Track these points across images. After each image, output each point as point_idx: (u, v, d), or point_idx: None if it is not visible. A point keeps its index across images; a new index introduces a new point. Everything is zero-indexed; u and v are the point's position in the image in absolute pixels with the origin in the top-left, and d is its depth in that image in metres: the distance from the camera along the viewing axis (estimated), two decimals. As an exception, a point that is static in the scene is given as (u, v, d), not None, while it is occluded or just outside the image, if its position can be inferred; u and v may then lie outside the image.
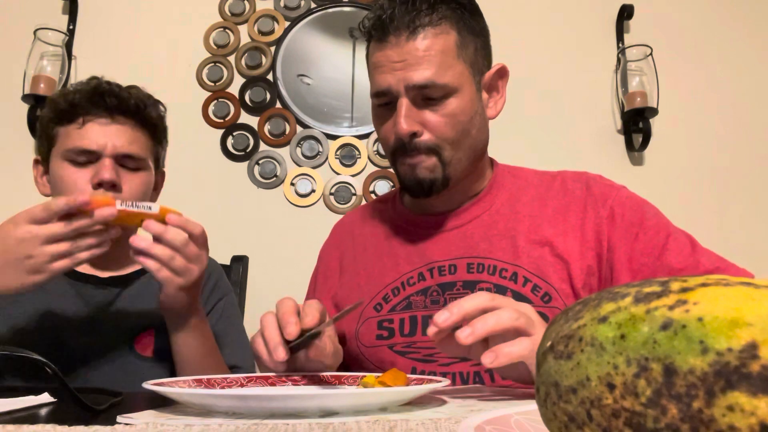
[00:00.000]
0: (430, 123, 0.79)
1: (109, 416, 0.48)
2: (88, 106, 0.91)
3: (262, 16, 1.88)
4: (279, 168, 1.80)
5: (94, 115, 0.91)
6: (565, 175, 0.89)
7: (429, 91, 0.78)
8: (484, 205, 0.89)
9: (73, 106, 0.91)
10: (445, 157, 0.81)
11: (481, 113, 0.85)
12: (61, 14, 1.87)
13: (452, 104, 0.79)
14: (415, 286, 0.85)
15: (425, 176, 0.81)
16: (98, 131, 0.91)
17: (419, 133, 0.80)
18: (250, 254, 1.48)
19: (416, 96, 0.79)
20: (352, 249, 0.96)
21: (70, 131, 0.91)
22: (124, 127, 0.93)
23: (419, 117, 0.79)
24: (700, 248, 0.80)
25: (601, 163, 1.83)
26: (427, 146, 0.80)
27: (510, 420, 0.34)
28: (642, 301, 0.23)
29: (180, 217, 0.79)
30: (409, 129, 0.78)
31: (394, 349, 0.83)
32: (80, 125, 0.91)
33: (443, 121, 0.79)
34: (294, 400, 0.49)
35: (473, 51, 0.83)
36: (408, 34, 0.78)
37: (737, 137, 1.88)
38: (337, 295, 0.94)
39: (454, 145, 0.81)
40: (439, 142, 0.80)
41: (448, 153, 0.81)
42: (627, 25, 1.93)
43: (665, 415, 0.20)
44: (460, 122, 0.80)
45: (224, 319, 1.02)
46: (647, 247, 0.79)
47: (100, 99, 0.92)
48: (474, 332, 0.57)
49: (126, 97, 0.93)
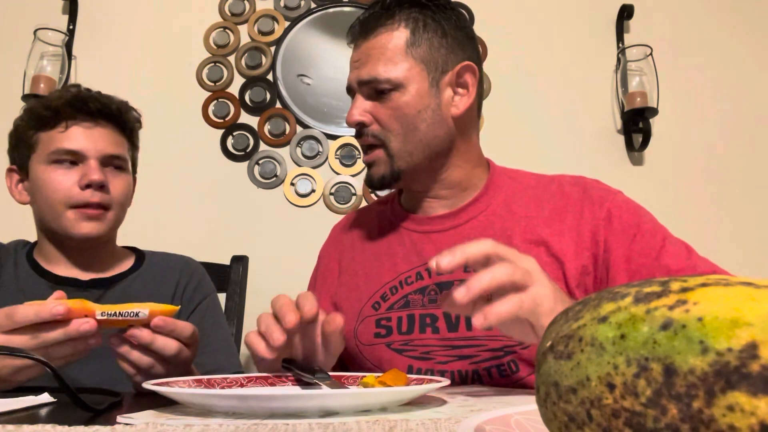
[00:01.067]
0: (377, 115, 0.86)
1: (109, 416, 0.48)
2: (71, 111, 0.93)
3: (262, 16, 1.88)
4: (279, 168, 1.80)
5: (78, 120, 0.94)
6: (563, 179, 0.90)
7: (375, 86, 0.84)
8: (480, 206, 0.90)
9: (56, 112, 0.93)
10: (392, 149, 0.86)
11: (435, 109, 0.85)
12: (61, 14, 1.87)
13: (397, 98, 0.84)
14: (412, 285, 0.86)
15: (374, 173, 0.87)
16: (82, 134, 0.93)
17: (367, 123, 0.86)
18: (250, 254, 1.48)
19: (368, 91, 0.86)
20: (350, 249, 0.97)
21: (53, 135, 0.93)
22: (107, 130, 0.96)
23: (370, 109, 0.86)
24: (696, 254, 0.81)
25: (601, 163, 1.83)
26: (374, 134, 0.86)
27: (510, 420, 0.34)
28: (642, 301, 0.23)
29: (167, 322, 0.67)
30: (355, 119, 0.86)
31: (392, 347, 0.84)
32: (64, 129, 0.93)
33: (388, 113, 0.85)
34: (294, 400, 0.49)
35: (427, 49, 0.86)
36: (364, 35, 0.87)
37: (737, 137, 1.88)
38: (336, 295, 0.94)
39: (400, 137, 0.85)
40: (385, 134, 0.85)
41: (395, 145, 0.85)
42: (627, 25, 1.93)
43: (665, 415, 0.20)
44: (406, 115, 0.84)
45: (207, 319, 1.02)
46: (645, 248, 0.79)
47: (83, 104, 0.94)
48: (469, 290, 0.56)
49: (107, 102, 0.97)
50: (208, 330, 0.98)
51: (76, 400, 0.50)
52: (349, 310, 0.90)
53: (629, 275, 0.79)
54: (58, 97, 0.94)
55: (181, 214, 1.74)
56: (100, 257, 1.00)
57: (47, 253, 0.99)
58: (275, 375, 0.68)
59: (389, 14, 0.86)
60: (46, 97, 0.97)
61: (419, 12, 0.86)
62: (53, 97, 0.95)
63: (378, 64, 0.84)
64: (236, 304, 1.34)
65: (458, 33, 0.88)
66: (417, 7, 0.86)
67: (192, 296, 1.03)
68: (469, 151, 0.91)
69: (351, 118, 0.86)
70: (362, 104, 0.86)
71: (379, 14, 0.86)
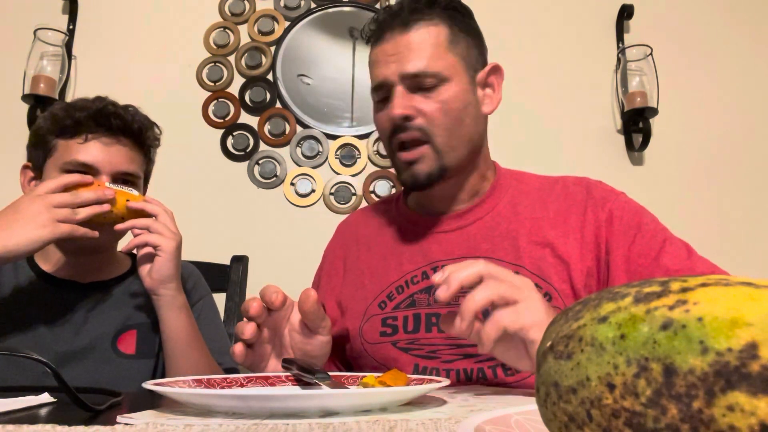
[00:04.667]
0: (423, 109, 0.83)
1: (109, 416, 0.48)
2: (93, 126, 0.95)
3: (262, 16, 1.88)
4: (279, 168, 1.80)
5: (98, 134, 0.95)
6: (567, 180, 0.91)
7: (421, 80, 0.82)
8: (486, 207, 0.90)
9: (77, 122, 0.94)
10: (437, 144, 0.84)
11: (475, 106, 0.87)
12: (61, 14, 1.87)
13: (444, 92, 0.83)
14: (418, 285, 0.87)
15: (419, 170, 0.84)
16: (100, 149, 0.95)
17: (412, 116, 0.83)
18: (250, 254, 1.47)
19: (410, 85, 0.83)
20: (356, 249, 0.98)
21: (71, 145, 0.94)
22: (125, 148, 0.97)
23: (413, 103, 0.83)
24: (696, 255, 0.81)
25: (601, 163, 1.83)
26: (420, 128, 0.83)
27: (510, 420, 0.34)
28: (642, 301, 0.23)
29: (148, 198, 0.95)
30: (402, 112, 0.82)
31: (398, 346, 0.84)
32: (83, 141, 0.94)
33: (436, 107, 0.83)
34: (294, 400, 0.49)
35: (465, 47, 0.87)
36: (401, 29, 0.84)
37: (737, 137, 1.88)
38: (341, 294, 0.95)
39: (447, 132, 0.83)
40: (432, 128, 0.83)
41: (441, 140, 0.84)
42: (627, 25, 1.93)
43: (665, 415, 0.20)
44: (453, 109, 0.83)
45: (203, 319, 1.04)
46: (644, 249, 0.79)
47: (106, 120, 0.95)
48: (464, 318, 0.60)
49: (129, 120, 0.98)
50: (204, 331, 0.99)
51: (76, 400, 0.50)
52: (354, 309, 0.90)
53: (628, 276, 0.79)
54: (83, 107, 0.96)
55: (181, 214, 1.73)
56: (102, 262, 1.03)
57: (50, 256, 1.01)
58: (275, 375, 0.68)
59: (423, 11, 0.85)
60: (71, 104, 0.98)
61: (453, 11, 0.88)
62: (78, 106, 0.96)
63: (424, 57, 0.82)
64: (236, 304, 1.34)
65: (481, 35, 0.92)
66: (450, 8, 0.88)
67: (188, 297, 1.04)
68: (486, 152, 0.93)
69: (396, 111, 0.82)
70: (406, 97, 0.83)
71: (416, 8, 0.85)
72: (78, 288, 0.99)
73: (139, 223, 0.92)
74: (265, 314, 0.70)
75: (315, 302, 0.70)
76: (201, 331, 0.98)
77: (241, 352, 0.69)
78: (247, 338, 0.69)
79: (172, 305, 0.93)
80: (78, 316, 0.97)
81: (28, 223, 0.81)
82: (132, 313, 1.00)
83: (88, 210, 0.87)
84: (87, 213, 0.86)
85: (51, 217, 0.82)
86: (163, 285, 0.91)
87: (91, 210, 0.87)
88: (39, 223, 0.82)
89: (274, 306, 0.69)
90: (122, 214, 0.92)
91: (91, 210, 0.87)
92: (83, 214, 0.86)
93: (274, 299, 0.69)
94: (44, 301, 0.96)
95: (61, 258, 1.00)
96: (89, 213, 0.87)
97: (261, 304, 0.69)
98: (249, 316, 0.69)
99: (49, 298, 0.97)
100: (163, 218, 0.92)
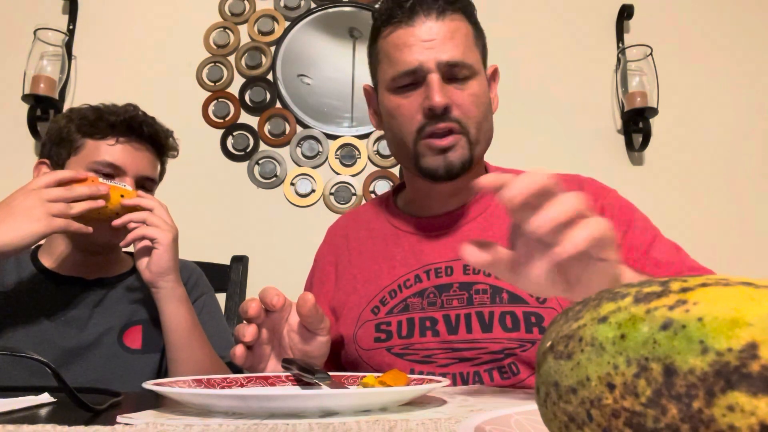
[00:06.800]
0: (457, 100, 0.81)
1: (109, 416, 0.48)
2: (125, 130, 0.99)
3: (262, 16, 1.88)
4: (279, 168, 1.80)
5: (128, 138, 0.99)
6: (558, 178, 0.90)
7: (457, 70, 0.81)
8: (479, 207, 0.89)
9: (111, 126, 0.98)
10: (471, 136, 0.83)
11: (491, 103, 0.89)
12: (61, 14, 1.87)
13: (475, 85, 0.83)
14: (411, 289, 0.85)
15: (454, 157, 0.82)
16: (129, 153, 0.99)
17: (450, 107, 0.81)
18: (250, 254, 1.48)
19: (445, 74, 0.81)
20: (347, 253, 0.96)
21: (100, 145, 0.98)
22: (150, 154, 1.03)
23: (449, 93, 0.81)
24: (684, 253, 0.81)
25: (601, 163, 1.83)
26: (458, 119, 0.81)
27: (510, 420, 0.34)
28: (642, 301, 0.23)
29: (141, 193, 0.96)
30: (444, 101, 0.79)
31: (392, 352, 0.83)
32: (114, 143, 0.98)
33: (471, 99, 0.82)
34: (294, 400, 0.49)
35: (483, 45, 0.89)
36: (437, 14, 0.82)
37: (737, 137, 1.88)
38: (334, 299, 0.93)
39: (477, 125, 0.83)
40: (466, 120, 0.82)
41: (473, 133, 0.83)
42: (627, 25, 1.93)
43: (665, 415, 0.20)
44: (483, 103, 0.84)
45: (205, 314, 1.05)
46: (635, 242, 0.80)
47: (138, 127, 1.00)
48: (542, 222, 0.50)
49: (158, 129, 1.04)
50: (206, 326, 1.00)
51: (76, 400, 0.50)
52: (348, 315, 0.89)
53: None
54: (115, 112, 1.00)
55: (181, 214, 1.73)
56: (107, 260, 1.04)
57: (56, 255, 1.01)
58: (275, 375, 0.68)
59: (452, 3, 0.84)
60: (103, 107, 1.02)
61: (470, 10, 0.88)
62: (111, 110, 1.00)
63: (461, 47, 0.81)
64: (236, 304, 1.34)
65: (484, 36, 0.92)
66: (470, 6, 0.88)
67: (190, 293, 1.05)
68: None
69: (439, 100, 0.79)
70: (444, 87, 0.81)
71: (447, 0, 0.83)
72: (82, 284, 1.00)
73: (135, 216, 0.93)
74: (264, 315, 0.70)
75: (313, 306, 0.70)
76: (203, 326, 0.99)
77: (241, 354, 0.70)
78: (247, 341, 0.69)
79: (172, 297, 0.94)
80: (83, 313, 0.97)
81: (22, 217, 0.82)
82: (137, 308, 1.01)
83: (82, 205, 0.87)
84: (81, 208, 0.87)
85: (45, 211, 0.83)
86: (161, 277, 0.93)
87: (86, 205, 0.88)
88: (33, 218, 0.82)
89: (275, 309, 0.69)
90: (117, 210, 0.93)
91: (85, 205, 0.88)
92: (78, 208, 0.87)
93: (275, 302, 0.69)
94: (49, 298, 0.97)
95: (65, 255, 1.01)
96: (84, 208, 0.87)
97: (260, 305, 0.69)
98: (248, 317, 0.69)
99: (54, 294, 0.97)
100: (158, 211, 0.94)
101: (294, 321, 0.74)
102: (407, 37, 0.82)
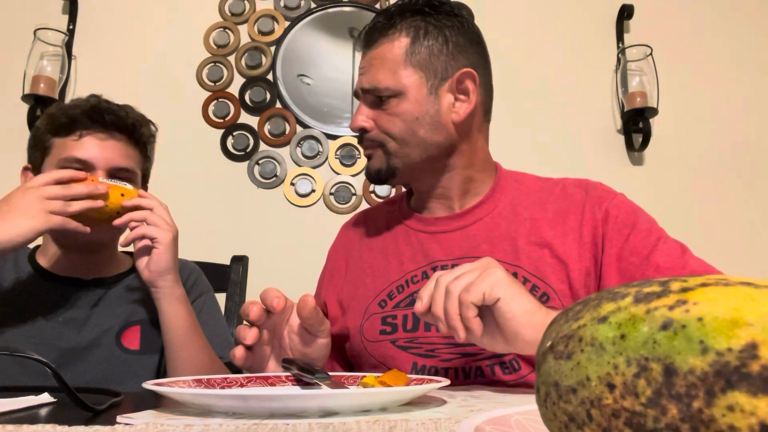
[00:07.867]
0: (378, 121, 0.88)
1: (109, 416, 0.48)
2: (87, 122, 0.96)
3: (262, 16, 1.88)
4: (279, 168, 1.80)
5: (92, 130, 0.96)
6: (566, 182, 0.92)
7: (376, 93, 0.87)
8: (487, 207, 0.91)
9: (72, 120, 0.96)
10: (389, 148, 0.88)
11: (434, 115, 0.87)
12: (61, 14, 1.87)
13: (396, 105, 0.87)
14: (418, 284, 0.87)
15: (371, 165, 0.91)
16: (95, 145, 0.96)
17: (368, 129, 0.89)
18: (250, 254, 1.47)
19: (371, 98, 0.89)
20: (358, 249, 0.99)
21: (66, 142, 0.96)
22: (120, 143, 0.98)
23: (372, 115, 0.89)
24: (690, 254, 0.81)
25: (601, 163, 1.83)
26: (372, 139, 0.89)
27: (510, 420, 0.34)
28: (642, 301, 0.23)
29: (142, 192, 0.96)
30: (357, 125, 0.89)
31: (397, 344, 0.85)
32: (77, 138, 0.95)
33: (388, 119, 0.87)
34: (294, 400, 0.49)
35: (426, 56, 0.87)
36: (368, 45, 0.90)
37: (737, 137, 1.88)
38: (342, 292, 0.95)
39: (398, 140, 0.88)
40: (384, 138, 0.88)
41: (392, 146, 0.88)
42: (627, 25, 1.93)
43: (665, 415, 0.20)
44: (405, 122, 0.87)
45: (204, 314, 1.05)
46: (637, 247, 0.80)
47: (99, 116, 0.97)
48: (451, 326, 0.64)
49: (123, 116, 0.99)
50: (206, 326, 1.00)
51: (76, 400, 0.50)
52: (355, 308, 0.91)
53: (620, 274, 0.80)
54: (77, 106, 0.98)
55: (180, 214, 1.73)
56: (103, 260, 1.04)
57: (52, 255, 1.01)
58: (275, 375, 0.68)
59: (391, 24, 0.88)
60: (66, 104, 1.00)
61: (421, 20, 0.88)
62: (72, 105, 0.98)
63: (378, 73, 0.87)
64: (236, 304, 1.34)
65: (461, 39, 0.88)
66: (420, 15, 0.88)
67: (189, 293, 1.05)
68: (474, 155, 0.91)
69: (354, 123, 0.90)
70: (365, 111, 0.89)
71: (381, 25, 0.89)
72: (80, 285, 0.99)
73: (135, 215, 0.92)
74: (265, 317, 0.71)
75: (313, 309, 0.71)
76: (203, 326, 0.99)
77: (242, 355, 0.70)
78: (249, 344, 0.70)
79: (171, 297, 0.94)
80: (81, 313, 0.97)
81: (20, 214, 0.82)
82: (135, 309, 1.01)
83: (80, 203, 0.87)
84: (80, 206, 0.87)
85: (43, 208, 0.83)
86: (161, 277, 0.93)
87: (84, 204, 0.87)
88: (31, 214, 0.82)
89: (276, 311, 0.70)
90: (117, 209, 0.92)
91: (83, 204, 0.87)
92: (76, 207, 0.87)
93: (276, 305, 0.69)
94: (47, 299, 0.96)
95: (61, 255, 1.00)
96: (82, 206, 0.87)
97: (261, 308, 0.70)
98: (249, 320, 0.69)
99: (52, 294, 0.97)
100: (158, 211, 0.94)
101: (294, 322, 0.75)
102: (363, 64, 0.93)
